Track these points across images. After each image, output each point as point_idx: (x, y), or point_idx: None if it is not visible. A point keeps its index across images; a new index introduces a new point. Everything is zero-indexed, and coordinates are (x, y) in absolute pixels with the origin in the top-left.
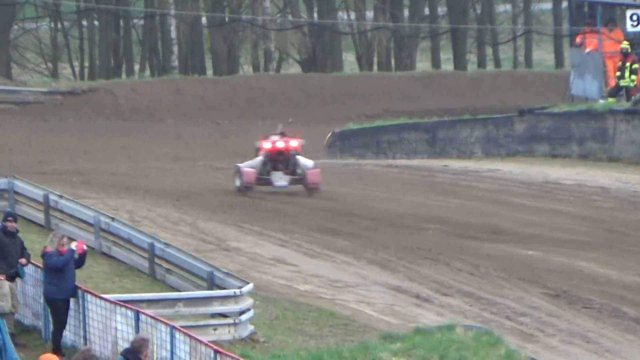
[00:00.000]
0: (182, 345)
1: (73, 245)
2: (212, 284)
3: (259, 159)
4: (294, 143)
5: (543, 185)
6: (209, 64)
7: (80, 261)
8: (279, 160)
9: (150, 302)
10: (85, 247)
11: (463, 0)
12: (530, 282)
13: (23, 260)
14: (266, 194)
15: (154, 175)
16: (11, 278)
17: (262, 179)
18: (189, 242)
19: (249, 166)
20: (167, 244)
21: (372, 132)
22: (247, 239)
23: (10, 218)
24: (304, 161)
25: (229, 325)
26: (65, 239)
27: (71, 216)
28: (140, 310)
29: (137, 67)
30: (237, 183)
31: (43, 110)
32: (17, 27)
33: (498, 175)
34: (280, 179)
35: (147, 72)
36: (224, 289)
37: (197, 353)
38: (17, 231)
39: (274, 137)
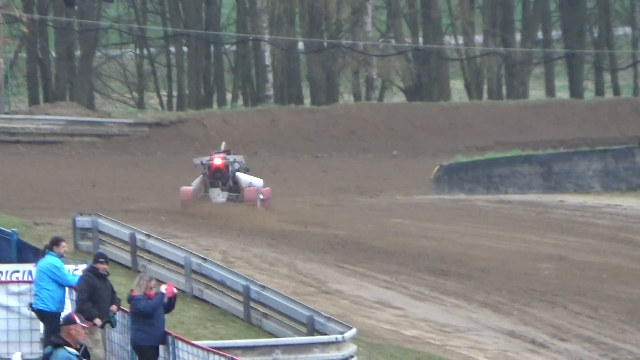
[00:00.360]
0: None
1: (162, 289)
2: (312, 329)
3: (200, 176)
4: (217, 161)
5: None
6: (306, 92)
7: (169, 305)
8: (217, 177)
9: (246, 349)
10: (175, 290)
11: (579, 23)
12: None
13: (114, 308)
14: (369, 233)
15: (248, 212)
16: (101, 325)
17: (202, 195)
18: (286, 285)
19: (194, 184)
20: (263, 287)
21: (483, 166)
22: (349, 281)
23: (101, 260)
24: (246, 178)
25: None
26: (153, 282)
27: (160, 257)
28: (235, 357)
29: (229, 96)
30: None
31: (128, 143)
32: (100, 54)
33: (618, 211)
34: (217, 196)
35: (240, 101)
36: (325, 334)
37: None
38: (108, 274)
39: (215, 155)
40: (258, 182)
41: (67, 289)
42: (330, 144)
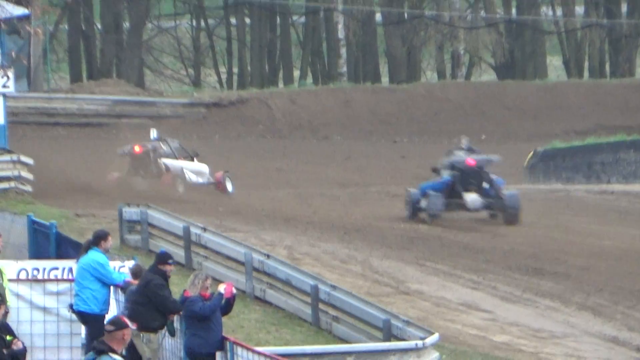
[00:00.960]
0: None
1: (221, 289)
2: (388, 334)
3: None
4: (136, 148)
5: None
6: (384, 69)
7: (227, 307)
8: (139, 165)
9: (314, 356)
10: (234, 291)
11: None
12: None
13: (172, 316)
14: (454, 227)
15: (317, 203)
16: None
17: (127, 183)
18: (360, 284)
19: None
20: (333, 286)
21: (583, 152)
22: (431, 280)
23: (170, 261)
24: (177, 163)
25: None
26: (209, 281)
27: (217, 253)
28: None
29: (296, 73)
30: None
31: (183, 126)
32: (152, 26)
33: None
34: (139, 184)
35: (309, 79)
36: (404, 340)
37: None
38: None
39: (135, 144)
40: (200, 167)
41: (112, 288)
42: (411, 128)
